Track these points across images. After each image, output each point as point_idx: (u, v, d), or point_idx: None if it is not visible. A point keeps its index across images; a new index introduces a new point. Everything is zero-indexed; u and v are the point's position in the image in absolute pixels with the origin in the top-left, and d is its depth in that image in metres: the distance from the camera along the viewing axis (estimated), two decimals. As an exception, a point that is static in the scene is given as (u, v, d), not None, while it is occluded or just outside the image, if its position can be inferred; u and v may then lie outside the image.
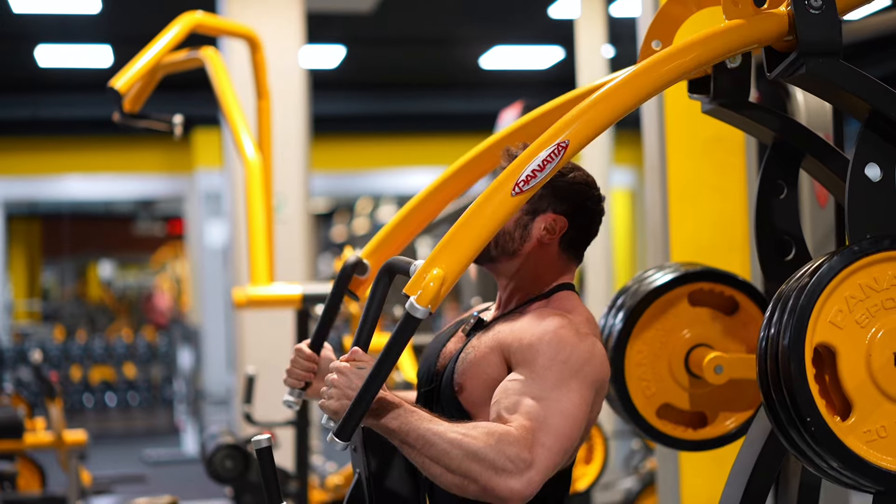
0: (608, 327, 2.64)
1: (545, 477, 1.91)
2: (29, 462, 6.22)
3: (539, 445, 1.91)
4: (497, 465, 1.88)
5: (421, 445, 1.90)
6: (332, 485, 5.55)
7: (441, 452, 1.89)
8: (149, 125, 4.32)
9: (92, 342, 14.18)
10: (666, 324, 2.60)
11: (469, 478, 1.88)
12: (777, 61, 2.06)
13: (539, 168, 1.91)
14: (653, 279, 2.63)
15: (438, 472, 1.90)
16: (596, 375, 2.02)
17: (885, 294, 1.87)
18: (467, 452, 1.88)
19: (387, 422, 1.92)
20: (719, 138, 3.90)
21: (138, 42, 4.38)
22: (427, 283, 1.86)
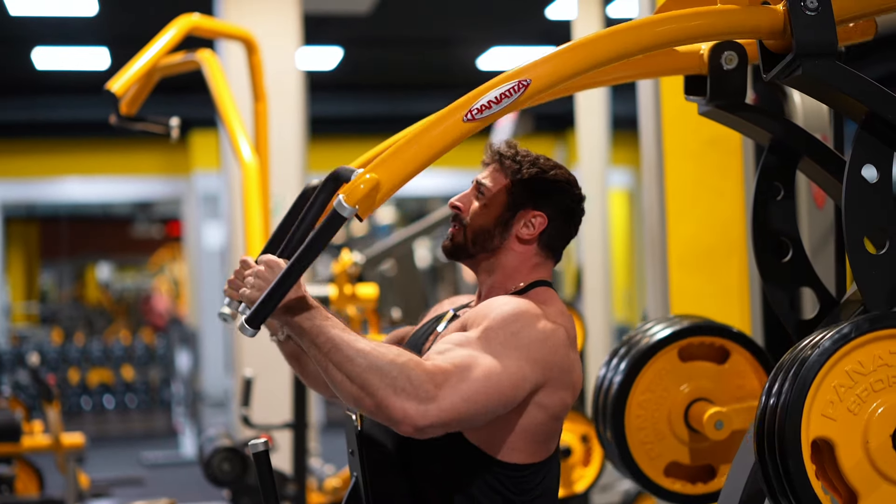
0: (602, 394, 2.64)
1: (443, 420, 1.87)
2: (27, 465, 6.20)
3: (449, 387, 1.87)
4: (397, 385, 1.85)
5: (328, 349, 1.88)
6: (329, 487, 5.54)
7: (346, 359, 1.87)
8: (146, 128, 4.31)
9: (90, 344, 14.16)
10: (660, 384, 2.60)
11: (367, 390, 1.85)
12: (773, 63, 2.05)
13: (496, 100, 1.91)
14: (640, 343, 2.62)
15: (340, 380, 1.87)
16: (547, 358, 1.99)
17: (873, 376, 1.86)
18: (371, 364, 1.86)
19: (300, 320, 1.90)
20: (716, 140, 3.90)
21: (135, 44, 4.37)
22: (359, 185, 1.86)
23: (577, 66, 1.94)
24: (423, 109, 10.46)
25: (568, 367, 2.04)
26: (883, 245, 2.03)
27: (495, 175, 2.17)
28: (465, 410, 1.89)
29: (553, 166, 2.18)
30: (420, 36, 10.48)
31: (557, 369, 2.02)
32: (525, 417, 2.02)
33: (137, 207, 18.31)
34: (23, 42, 9.82)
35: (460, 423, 1.91)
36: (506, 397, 1.94)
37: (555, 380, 2.02)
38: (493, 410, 1.94)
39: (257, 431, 5.01)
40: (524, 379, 1.96)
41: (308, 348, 1.91)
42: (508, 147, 2.19)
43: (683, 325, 2.63)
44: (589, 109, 7.48)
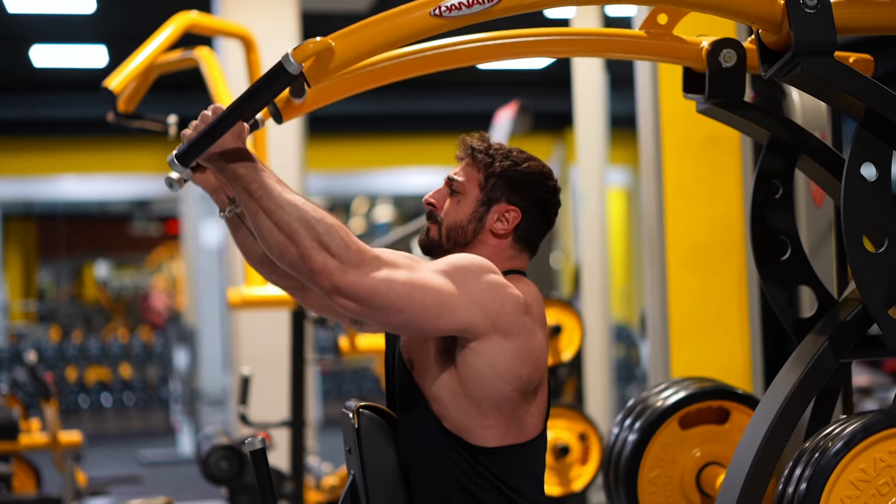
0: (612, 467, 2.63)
1: (358, 288, 1.87)
2: (24, 463, 6.20)
3: (375, 268, 1.88)
4: (323, 241, 1.86)
5: (260, 195, 1.88)
6: (327, 486, 5.54)
7: (276, 206, 1.87)
8: (143, 125, 4.31)
9: (88, 342, 14.15)
10: (666, 458, 2.59)
11: (293, 239, 1.86)
12: (772, 60, 2.05)
13: (467, 4, 1.92)
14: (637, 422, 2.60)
15: (267, 227, 1.87)
16: (491, 306, 1.97)
17: (879, 479, 1.87)
18: (301, 216, 1.87)
19: (236, 167, 1.90)
20: (715, 138, 3.90)
21: (133, 42, 4.36)
22: (308, 44, 1.87)
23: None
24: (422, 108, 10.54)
25: (520, 330, 2.01)
26: (882, 243, 2.03)
27: (468, 170, 2.16)
28: (380, 294, 1.88)
29: (526, 158, 2.16)
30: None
31: (504, 323, 1.98)
32: (475, 377, 1.99)
33: (135, 205, 18.30)
34: (21, 39, 9.81)
35: (373, 307, 1.89)
36: (426, 310, 1.92)
37: (500, 333, 1.98)
38: (411, 317, 1.92)
39: (255, 429, 5.00)
40: (457, 308, 1.94)
41: (239, 195, 1.91)
42: (481, 141, 2.18)
43: (679, 394, 2.62)
44: (587, 108, 7.48)
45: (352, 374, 13.25)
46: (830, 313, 2.24)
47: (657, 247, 4.05)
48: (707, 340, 4.01)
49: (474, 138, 2.19)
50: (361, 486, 2.08)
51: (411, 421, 2.08)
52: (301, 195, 1.91)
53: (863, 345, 2.18)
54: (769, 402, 2.17)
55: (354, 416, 2.09)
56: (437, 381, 2.03)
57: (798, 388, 2.13)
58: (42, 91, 11.62)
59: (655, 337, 4.14)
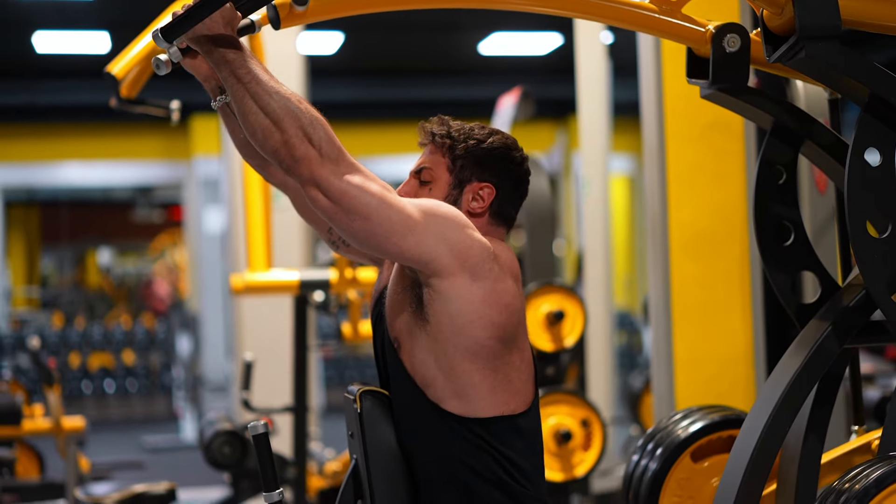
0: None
1: (333, 184, 1.90)
2: (27, 448, 6.21)
3: (355, 171, 1.92)
4: (308, 132, 1.89)
5: (248, 80, 1.90)
6: (330, 471, 5.55)
7: (264, 92, 1.89)
8: (146, 111, 4.30)
9: (90, 329, 14.17)
10: (683, 493, 2.56)
11: (278, 126, 1.88)
12: (776, 45, 2.05)
13: None
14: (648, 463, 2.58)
15: (253, 111, 1.89)
16: (462, 246, 1.98)
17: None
18: (288, 105, 1.90)
19: (225, 51, 1.92)
20: (718, 124, 3.89)
21: (135, 27, 4.35)
22: None
23: None
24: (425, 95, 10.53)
25: (488, 274, 2.01)
26: (885, 229, 2.03)
27: (433, 156, 2.17)
28: (350, 196, 1.91)
29: (489, 134, 2.17)
30: (421, 21, 10.45)
31: (471, 264, 1.99)
32: (447, 321, 1.99)
33: (138, 192, 18.30)
34: (23, 26, 9.80)
35: (343, 209, 1.91)
36: (392, 227, 1.93)
37: (467, 273, 1.99)
38: (374, 227, 1.93)
39: (258, 415, 5.01)
40: (421, 236, 1.95)
41: (227, 79, 1.92)
42: (441, 124, 2.18)
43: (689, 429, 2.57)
44: (590, 95, 7.46)
45: (354, 360, 13.26)
46: (833, 299, 2.24)
47: (660, 233, 4.04)
48: (710, 327, 4.01)
49: (434, 123, 2.19)
50: (364, 471, 2.09)
51: (405, 405, 2.09)
52: (290, 89, 1.94)
53: (866, 330, 2.18)
54: (772, 388, 2.18)
55: (357, 400, 2.10)
56: (420, 349, 2.04)
57: (801, 373, 2.13)
58: (45, 77, 11.61)
59: (658, 324, 4.14)
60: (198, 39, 1.93)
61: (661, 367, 4.09)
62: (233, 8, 1.94)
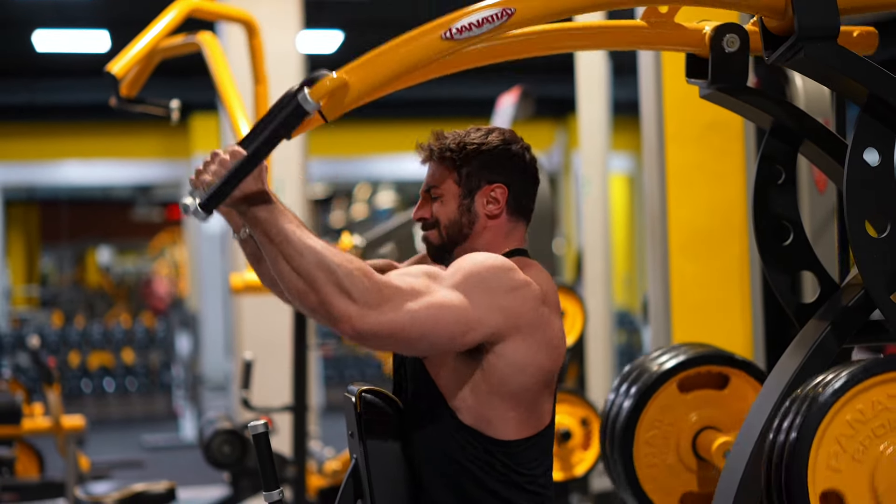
0: (608, 432, 2.63)
1: (381, 329, 1.87)
2: (27, 447, 6.22)
3: (395, 303, 1.88)
4: (343, 285, 1.85)
5: (279, 241, 1.87)
6: (329, 470, 5.55)
7: (296, 252, 1.86)
8: (146, 110, 4.30)
9: (90, 328, 14.17)
10: (664, 419, 2.59)
11: (313, 286, 1.85)
12: (775, 46, 2.05)
13: (477, 24, 1.91)
14: (637, 383, 2.60)
15: (287, 273, 1.87)
16: (512, 306, 1.98)
17: (875, 422, 1.86)
18: (320, 261, 1.86)
19: (257, 210, 1.89)
20: (718, 124, 3.89)
21: (135, 26, 4.35)
22: (325, 82, 1.86)
23: (569, 5, 1.93)
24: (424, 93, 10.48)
25: (539, 322, 2.02)
26: (884, 229, 2.03)
27: (438, 172, 2.16)
28: (404, 329, 1.88)
29: (485, 134, 2.16)
30: (421, 19, 10.43)
31: (526, 322, 2.00)
32: (501, 377, 2.00)
33: (138, 191, 18.31)
34: (23, 24, 9.80)
35: (401, 342, 1.91)
36: (451, 332, 1.93)
37: (524, 333, 2.00)
38: (435, 341, 1.93)
39: (257, 414, 5.01)
40: (480, 320, 1.95)
41: (260, 239, 1.91)
42: (437, 139, 2.18)
43: (679, 357, 2.62)
44: (590, 94, 7.46)
45: (354, 359, 13.27)
46: (832, 299, 2.24)
47: (659, 233, 4.05)
48: (709, 326, 4.01)
49: (430, 139, 2.19)
50: (364, 470, 2.09)
51: (422, 412, 2.07)
52: (320, 238, 1.91)
53: (865, 330, 2.18)
54: (771, 387, 2.18)
55: (357, 400, 2.10)
56: (455, 376, 2.03)
57: (800, 373, 2.13)
58: (44, 76, 11.61)
59: (657, 322, 4.14)
60: (231, 201, 1.91)
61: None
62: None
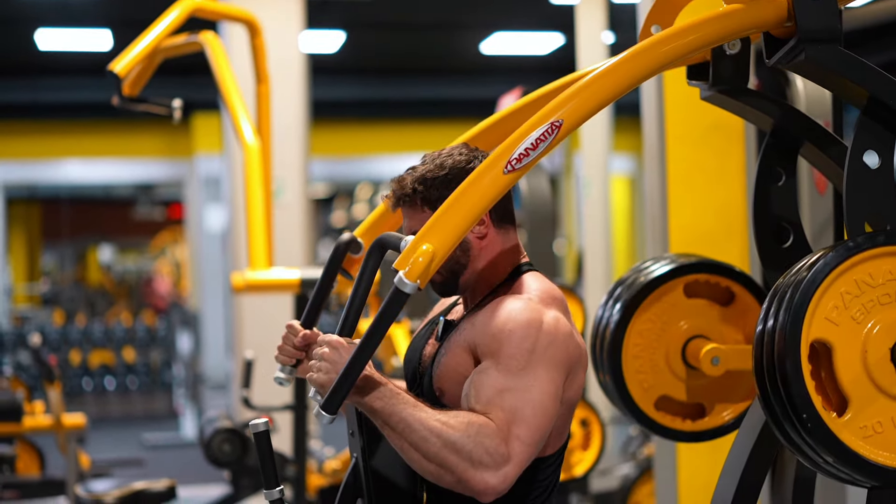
0: (605, 319, 2.64)
1: (520, 471, 1.92)
2: (28, 445, 6.23)
3: (514, 438, 1.91)
4: (474, 458, 1.88)
5: (402, 429, 1.91)
6: (329, 469, 5.56)
7: (421, 439, 1.89)
8: (148, 109, 4.31)
9: (91, 326, 14.19)
10: (662, 315, 2.61)
11: (446, 468, 1.89)
12: (776, 48, 2.06)
13: (532, 147, 1.91)
14: (649, 271, 2.63)
15: (417, 458, 1.91)
16: (563, 355, 2.01)
17: (881, 290, 1.87)
18: (446, 442, 1.89)
19: (371, 400, 1.92)
20: (719, 125, 3.90)
21: (138, 26, 4.37)
22: (417, 258, 1.87)
23: (605, 97, 1.95)
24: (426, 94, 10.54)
25: (578, 351, 2.05)
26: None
27: (413, 215, 2.13)
28: (534, 451, 1.95)
29: (441, 162, 2.13)
30: (423, 20, 10.47)
31: (571, 360, 2.03)
32: None
33: (139, 189, 18.33)
34: (25, 23, 9.81)
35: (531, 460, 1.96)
36: (553, 414, 1.98)
37: (573, 369, 2.04)
38: (548, 434, 1.99)
39: (258, 413, 5.02)
40: (557, 387, 1.99)
41: (381, 427, 1.94)
42: (398, 183, 2.14)
43: (691, 260, 2.63)
44: (591, 95, 7.46)
45: (355, 359, 13.26)
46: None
47: (660, 234, 4.05)
48: (709, 327, 4.01)
49: (393, 185, 2.15)
50: (364, 470, 2.10)
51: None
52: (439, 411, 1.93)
53: (864, 332, 2.19)
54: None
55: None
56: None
57: (799, 374, 2.13)
58: (46, 74, 11.63)
59: (658, 324, 4.14)
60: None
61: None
62: None
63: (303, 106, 7.02)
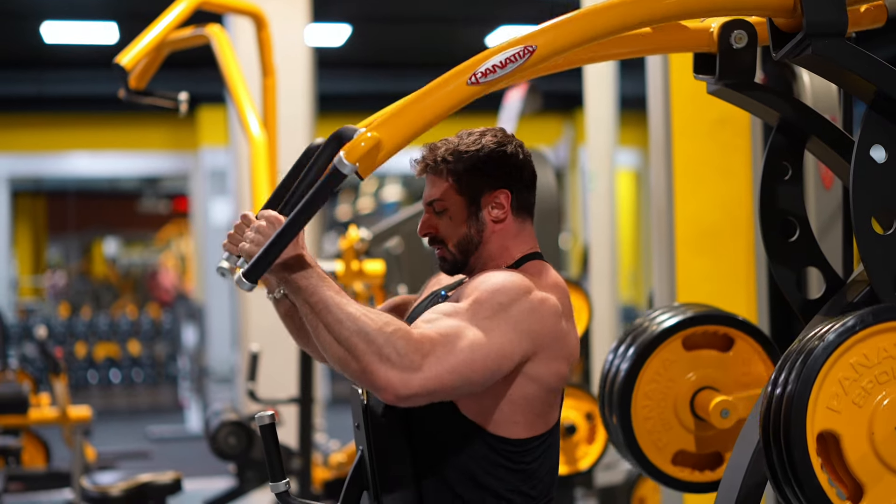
0: (608, 383, 2.64)
1: (425, 389, 1.89)
2: (33, 438, 6.24)
3: (434, 357, 1.89)
4: (383, 352, 1.87)
5: (320, 310, 1.90)
6: (335, 462, 5.57)
7: (335, 321, 1.89)
8: (154, 102, 4.31)
9: (97, 319, 14.21)
10: (665, 374, 2.61)
11: (353, 354, 1.87)
12: (783, 42, 2.05)
13: (500, 65, 1.91)
14: (645, 332, 2.62)
15: (328, 341, 1.90)
16: (538, 328, 1.99)
17: (878, 369, 1.86)
18: (359, 329, 1.88)
19: (297, 278, 1.92)
20: (725, 119, 3.89)
21: (144, 19, 4.37)
22: (359, 143, 1.87)
23: (584, 35, 1.93)
24: (431, 87, 10.07)
25: (560, 336, 2.04)
26: (890, 225, 2.03)
27: (438, 184, 2.14)
28: (448, 381, 1.90)
29: (476, 139, 2.15)
30: (429, 13, 10.45)
31: (549, 339, 2.01)
32: (519, 390, 2.02)
33: (145, 182, 18.32)
34: (31, 16, 9.81)
35: (444, 393, 1.92)
36: (490, 370, 1.94)
37: (546, 350, 2.02)
38: (478, 381, 1.95)
39: (263, 406, 5.03)
40: (511, 351, 1.96)
41: (301, 306, 1.93)
42: (430, 151, 2.16)
43: (688, 314, 2.63)
44: (597, 89, 7.46)
45: (360, 353, 13.27)
46: (838, 295, 2.24)
47: (665, 228, 4.05)
48: (714, 322, 4.01)
49: (424, 152, 2.17)
50: (369, 463, 2.10)
51: (427, 412, 2.05)
52: (364, 307, 1.92)
53: (870, 327, 2.18)
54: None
55: (363, 391, 2.11)
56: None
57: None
58: (52, 67, 11.62)
59: (663, 318, 4.14)
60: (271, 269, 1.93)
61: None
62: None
63: (309, 99, 7.02)
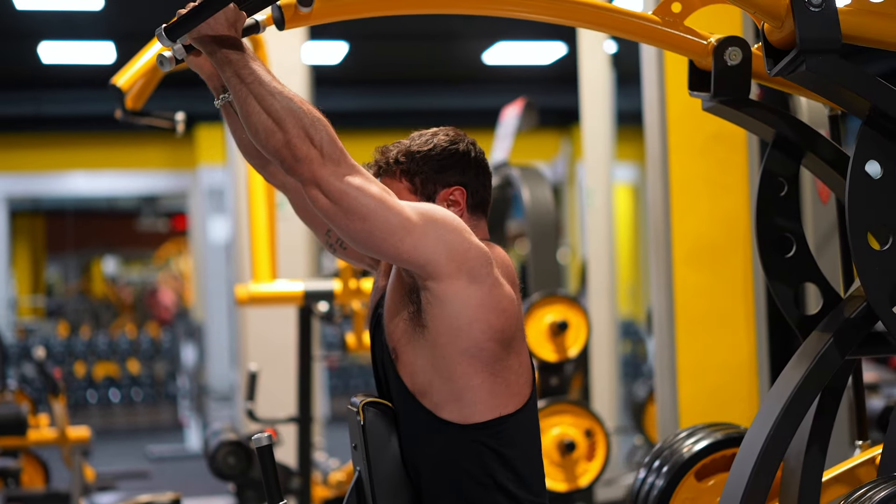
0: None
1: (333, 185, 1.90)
2: (32, 458, 6.22)
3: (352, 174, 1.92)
4: (310, 132, 1.91)
5: (251, 80, 1.93)
6: (334, 481, 5.55)
7: (268, 93, 1.92)
8: (151, 123, 4.31)
9: (96, 338, 14.19)
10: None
11: (280, 126, 1.90)
12: (777, 59, 2.06)
13: None
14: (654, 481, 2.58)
15: (255, 111, 1.91)
16: (456, 247, 1.98)
17: None
18: (290, 105, 1.92)
19: (228, 52, 1.95)
20: (721, 135, 3.90)
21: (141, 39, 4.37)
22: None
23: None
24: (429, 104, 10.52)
25: (485, 278, 2.01)
26: (886, 241, 2.03)
27: (391, 186, 2.15)
28: (350, 197, 1.91)
29: (428, 139, 2.18)
30: (426, 30, 10.47)
31: (468, 267, 1.99)
32: (445, 326, 2.00)
33: (143, 201, 18.33)
34: (29, 36, 9.83)
35: (340, 206, 1.91)
36: (391, 228, 1.93)
37: (464, 277, 1.99)
38: (372, 228, 1.93)
39: (262, 425, 5.02)
40: (420, 238, 1.95)
41: (229, 80, 1.95)
42: (382, 154, 2.20)
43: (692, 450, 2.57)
44: (594, 104, 7.47)
45: (359, 370, 13.26)
46: (835, 310, 2.24)
47: (663, 243, 4.05)
48: (713, 337, 4.02)
49: (377, 155, 2.21)
50: (367, 482, 2.09)
51: (404, 414, 2.09)
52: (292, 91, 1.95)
53: (868, 342, 2.19)
54: (774, 400, 2.18)
55: (360, 412, 2.10)
56: (418, 356, 2.05)
57: (803, 384, 2.13)
58: (50, 87, 11.64)
59: (661, 333, 4.14)
60: (201, 39, 1.96)
61: (664, 377, 4.10)
62: (237, 9, 1.97)
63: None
